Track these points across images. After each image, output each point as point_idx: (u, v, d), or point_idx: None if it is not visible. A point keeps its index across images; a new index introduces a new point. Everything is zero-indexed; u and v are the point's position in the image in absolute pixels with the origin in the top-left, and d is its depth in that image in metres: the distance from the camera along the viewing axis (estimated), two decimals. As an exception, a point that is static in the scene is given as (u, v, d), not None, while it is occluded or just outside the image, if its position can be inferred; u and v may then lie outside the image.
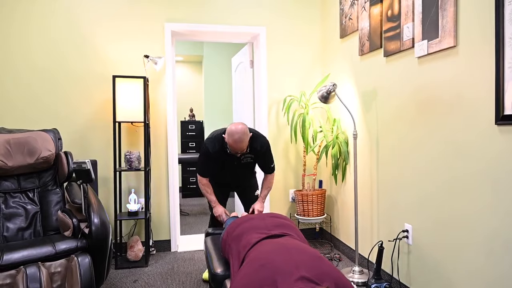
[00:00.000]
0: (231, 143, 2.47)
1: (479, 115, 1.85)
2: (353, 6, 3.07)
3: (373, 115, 2.83)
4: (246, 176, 2.88)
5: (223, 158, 2.65)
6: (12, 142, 2.55)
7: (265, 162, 2.76)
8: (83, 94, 3.32)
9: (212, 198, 2.75)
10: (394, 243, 2.56)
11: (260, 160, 2.76)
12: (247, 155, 2.70)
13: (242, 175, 2.83)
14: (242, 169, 2.77)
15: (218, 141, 2.62)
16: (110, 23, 3.36)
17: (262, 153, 2.70)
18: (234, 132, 2.44)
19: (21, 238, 2.46)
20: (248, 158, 2.71)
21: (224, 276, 1.92)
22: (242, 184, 2.90)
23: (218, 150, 2.61)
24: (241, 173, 2.81)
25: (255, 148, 2.66)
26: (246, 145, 2.50)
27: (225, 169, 2.73)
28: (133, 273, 3.00)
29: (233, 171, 2.75)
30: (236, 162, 2.68)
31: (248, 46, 3.97)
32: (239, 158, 2.67)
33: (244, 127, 2.48)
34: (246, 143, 2.49)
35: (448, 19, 2.00)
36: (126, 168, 3.18)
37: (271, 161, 2.78)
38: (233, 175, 2.79)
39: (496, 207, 1.76)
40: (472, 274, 1.91)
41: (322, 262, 1.46)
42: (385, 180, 2.69)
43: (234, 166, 2.71)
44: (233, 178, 2.82)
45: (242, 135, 2.44)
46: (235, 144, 2.45)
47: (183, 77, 7.08)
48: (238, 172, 2.78)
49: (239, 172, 2.78)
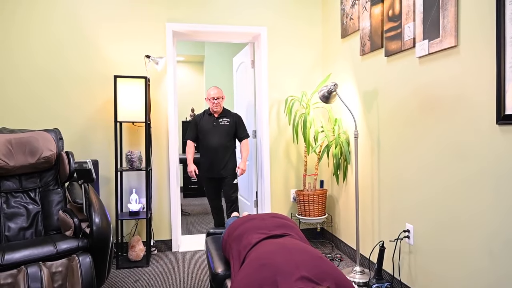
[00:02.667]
0: (209, 90, 3.49)
1: (480, 115, 1.84)
2: (354, 6, 3.06)
3: (374, 115, 2.83)
4: (226, 144, 3.50)
5: (205, 120, 3.52)
6: (14, 142, 2.55)
7: (239, 128, 3.55)
8: (85, 94, 3.32)
9: (188, 157, 3.52)
10: (395, 243, 2.56)
11: (236, 126, 3.53)
12: (224, 118, 3.52)
13: (222, 139, 3.48)
14: (222, 132, 3.48)
15: (202, 112, 3.63)
16: (112, 24, 3.37)
17: (236, 119, 3.55)
18: (213, 87, 3.53)
19: (22, 237, 2.46)
20: (225, 121, 3.51)
21: (225, 276, 1.92)
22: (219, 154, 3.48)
23: (201, 115, 3.59)
24: (221, 137, 3.48)
25: (231, 115, 3.55)
26: (220, 95, 3.45)
27: (205, 132, 3.49)
28: (134, 273, 3.00)
29: (214, 133, 3.48)
30: (215, 122, 3.49)
31: (249, 46, 3.97)
32: (217, 119, 3.50)
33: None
34: (220, 93, 3.47)
35: (449, 19, 1.99)
36: (127, 168, 3.18)
37: (245, 129, 3.58)
38: (214, 137, 3.47)
39: (497, 207, 1.76)
40: (473, 274, 1.91)
41: (323, 262, 1.46)
42: (386, 180, 2.69)
43: (214, 127, 3.48)
44: (215, 140, 3.47)
45: (216, 87, 3.51)
46: (212, 89, 3.47)
47: (185, 77, 7.08)
48: (218, 135, 3.48)
49: (219, 135, 3.48)
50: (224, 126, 3.49)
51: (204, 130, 3.50)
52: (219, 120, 3.50)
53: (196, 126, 3.55)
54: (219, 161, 3.48)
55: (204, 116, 3.56)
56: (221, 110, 3.51)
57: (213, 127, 3.48)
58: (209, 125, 3.49)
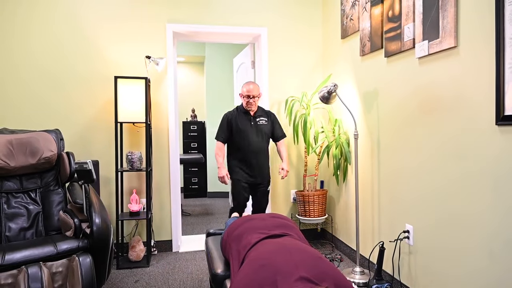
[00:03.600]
0: (244, 86, 3.09)
1: (479, 115, 1.85)
2: (354, 7, 3.07)
3: (374, 115, 2.83)
4: (266, 146, 3.18)
5: (241, 119, 3.12)
6: (15, 142, 2.56)
7: (276, 127, 3.23)
8: (85, 95, 3.33)
9: (219, 160, 3.10)
10: (395, 243, 2.56)
11: (273, 125, 3.21)
12: (261, 117, 3.16)
13: (262, 141, 3.14)
14: (261, 134, 3.13)
15: (234, 109, 3.22)
16: (112, 24, 3.37)
17: (272, 118, 3.24)
18: (249, 82, 3.13)
19: (23, 238, 2.47)
20: (263, 120, 3.16)
21: (225, 277, 1.93)
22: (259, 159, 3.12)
23: (234, 113, 3.17)
24: (261, 139, 3.14)
25: (266, 114, 3.21)
26: (256, 93, 3.07)
27: (243, 132, 3.09)
28: (135, 273, 3.01)
29: (253, 134, 3.10)
30: (252, 122, 3.12)
31: (250, 47, 3.98)
32: (255, 118, 3.13)
33: None
34: (257, 90, 3.08)
35: (449, 20, 2.00)
36: (127, 169, 3.19)
37: (281, 128, 3.27)
38: (254, 139, 3.10)
39: (497, 207, 1.76)
40: (473, 274, 1.91)
41: (322, 262, 1.46)
42: (386, 181, 2.69)
43: (253, 127, 3.11)
44: (255, 143, 3.10)
45: (253, 83, 3.11)
46: (247, 86, 3.08)
47: (185, 77, 7.09)
48: (258, 137, 3.11)
49: (259, 137, 3.12)
50: (263, 126, 3.14)
51: (241, 131, 3.09)
52: (257, 120, 3.14)
53: (230, 125, 3.14)
54: (259, 165, 3.12)
55: (238, 114, 3.15)
56: (256, 109, 3.16)
57: (251, 127, 3.11)
58: (246, 125, 3.10)
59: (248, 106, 3.09)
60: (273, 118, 3.23)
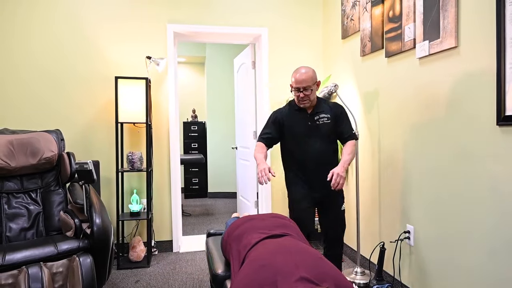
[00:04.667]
0: (293, 75, 2.29)
1: (480, 115, 1.84)
2: (355, 7, 3.07)
3: (375, 116, 2.83)
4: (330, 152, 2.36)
5: (294, 119, 2.34)
6: (15, 142, 2.56)
7: (341, 123, 2.34)
8: (86, 95, 3.33)
9: (258, 156, 2.28)
10: (396, 244, 2.55)
11: (339, 124, 2.34)
12: (322, 115, 2.33)
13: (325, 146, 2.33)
14: (323, 137, 2.32)
15: (285, 106, 2.45)
16: (113, 25, 3.38)
17: (336, 111, 2.35)
18: (300, 68, 2.30)
19: (23, 238, 2.47)
20: (325, 118, 2.32)
21: (225, 277, 1.92)
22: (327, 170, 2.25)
23: (284, 110, 2.40)
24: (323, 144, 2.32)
25: (333, 106, 2.37)
26: (310, 81, 2.24)
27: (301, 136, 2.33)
28: (135, 273, 3.01)
29: (311, 138, 2.31)
30: (310, 122, 2.31)
31: (250, 47, 3.98)
32: (313, 116, 2.31)
33: (312, 68, 2.33)
34: (311, 78, 2.25)
35: (450, 20, 1.99)
36: (128, 169, 3.19)
37: (350, 127, 2.39)
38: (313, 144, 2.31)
39: (497, 207, 1.76)
40: (474, 275, 1.90)
41: (323, 262, 1.46)
42: (386, 181, 2.68)
43: (308, 128, 2.31)
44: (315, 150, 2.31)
45: (306, 68, 2.28)
46: (295, 74, 2.26)
47: (186, 78, 7.09)
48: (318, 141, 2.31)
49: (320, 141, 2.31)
50: (324, 126, 2.33)
51: (295, 134, 2.35)
52: (315, 118, 2.33)
53: (278, 125, 2.39)
54: (323, 178, 2.27)
55: (290, 111, 2.38)
56: (315, 103, 2.35)
57: (307, 129, 2.33)
58: (301, 126, 2.34)
59: (301, 102, 2.30)
60: (337, 112, 2.36)
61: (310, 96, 2.27)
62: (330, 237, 2.40)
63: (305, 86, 2.24)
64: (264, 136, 2.40)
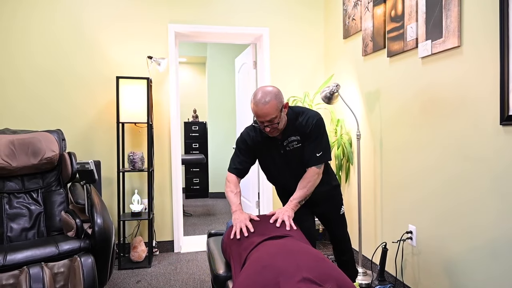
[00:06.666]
0: (254, 109, 1.84)
1: (483, 115, 1.83)
2: (357, 7, 3.06)
3: (377, 115, 2.82)
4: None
5: (265, 147, 2.02)
6: (16, 142, 2.56)
7: (309, 146, 1.95)
8: (87, 95, 3.33)
9: (233, 200, 2.00)
10: (398, 244, 2.54)
11: (306, 144, 1.97)
12: (292, 138, 1.96)
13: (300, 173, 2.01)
14: (295, 163, 2.01)
15: (253, 128, 2.03)
16: (114, 24, 3.37)
17: (308, 131, 1.93)
18: (257, 92, 1.84)
19: (24, 238, 2.47)
20: (294, 142, 1.97)
21: (227, 278, 1.91)
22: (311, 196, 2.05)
23: (254, 135, 2.02)
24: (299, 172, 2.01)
25: (301, 124, 1.95)
26: (273, 112, 1.81)
27: (275, 166, 2.06)
28: (136, 273, 3.00)
29: (283, 168, 2.03)
30: (282, 150, 1.98)
31: (251, 47, 3.97)
32: (283, 143, 1.97)
33: (274, 89, 1.86)
34: (273, 108, 1.81)
35: (452, 19, 1.98)
36: (129, 169, 3.18)
37: (318, 146, 1.95)
38: (285, 174, 2.06)
39: (501, 207, 1.75)
40: (477, 274, 1.89)
41: (325, 263, 1.45)
42: (388, 181, 2.68)
43: (281, 157, 2.00)
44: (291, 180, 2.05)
45: (266, 95, 1.80)
46: (260, 110, 1.81)
47: (187, 78, 7.09)
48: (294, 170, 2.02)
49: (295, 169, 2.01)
50: (296, 151, 1.99)
51: (270, 168, 2.11)
52: (285, 144, 1.99)
53: (253, 154, 2.09)
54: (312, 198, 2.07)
55: (261, 137, 2.02)
56: (283, 127, 1.95)
57: (281, 157, 2.03)
58: (275, 157, 2.04)
59: (270, 134, 1.94)
60: (304, 131, 1.96)
61: (278, 126, 1.89)
62: (337, 241, 2.28)
63: (269, 120, 1.84)
64: (239, 167, 2.07)
